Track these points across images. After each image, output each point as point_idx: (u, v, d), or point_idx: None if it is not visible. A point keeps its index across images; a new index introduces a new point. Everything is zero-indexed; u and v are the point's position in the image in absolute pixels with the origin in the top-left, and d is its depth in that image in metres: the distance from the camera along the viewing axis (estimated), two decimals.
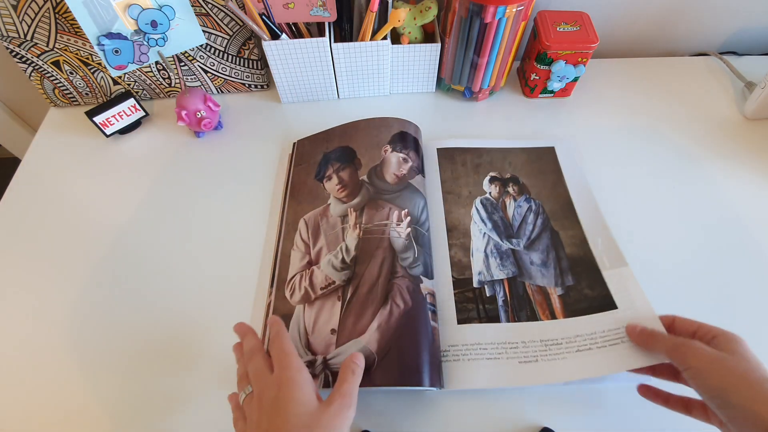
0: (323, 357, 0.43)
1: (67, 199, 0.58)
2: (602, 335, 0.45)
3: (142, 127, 0.65)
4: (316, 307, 0.46)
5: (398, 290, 0.46)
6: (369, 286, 0.46)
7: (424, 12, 0.59)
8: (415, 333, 0.43)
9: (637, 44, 0.76)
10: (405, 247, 0.49)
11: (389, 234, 0.50)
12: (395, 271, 0.47)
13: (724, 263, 0.52)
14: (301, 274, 0.49)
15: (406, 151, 0.57)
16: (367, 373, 0.41)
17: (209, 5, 0.57)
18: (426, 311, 0.45)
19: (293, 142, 0.62)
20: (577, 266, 0.51)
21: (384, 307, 0.45)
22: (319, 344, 0.44)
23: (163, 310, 0.49)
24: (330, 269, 0.48)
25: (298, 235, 0.52)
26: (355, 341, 0.43)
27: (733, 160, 0.61)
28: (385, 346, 0.42)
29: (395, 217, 0.51)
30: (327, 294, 0.47)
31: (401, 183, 0.54)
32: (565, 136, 0.63)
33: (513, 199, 0.56)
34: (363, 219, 0.51)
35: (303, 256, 0.50)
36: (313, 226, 0.52)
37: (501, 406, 0.43)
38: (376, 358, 0.42)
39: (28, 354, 0.47)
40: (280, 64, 0.61)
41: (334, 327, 0.45)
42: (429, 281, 0.47)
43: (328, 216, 0.53)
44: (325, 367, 0.42)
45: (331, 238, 0.51)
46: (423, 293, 0.46)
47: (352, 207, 0.52)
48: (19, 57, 0.60)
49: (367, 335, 0.43)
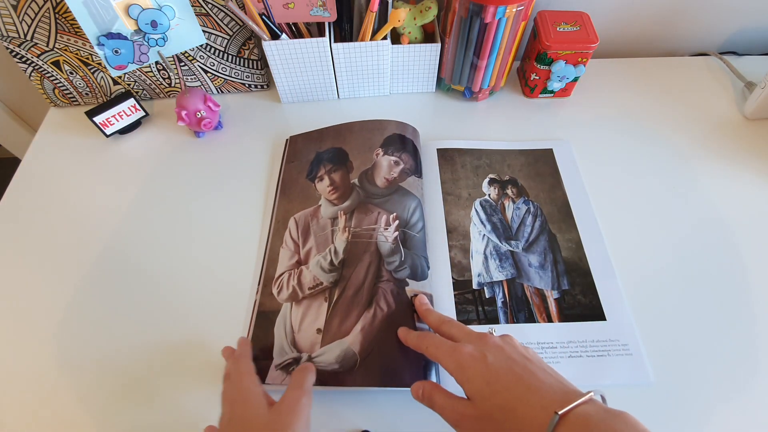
0: (308, 354, 0.44)
1: (67, 199, 0.58)
2: (592, 344, 0.46)
3: (142, 127, 0.65)
4: (303, 306, 0.47)
5: (383, 294, 0.47)
6: (355, 289, 0.47)
7: (424, 12, 0.59)
8: (397, 336, 0.44)
9: (637, 44, 0.75)
10: (391, 251, 0.49)
11: (377, 238, 0.50)
12: (381, 275, 0.48)
13: (724, 263, 0.52)
14: (289, 273, 0.50)
15: (398, 153, 0.57)
16: (350, 373, 0.43)
17: (209, 5, 0.57)
18: (411, 314, 0.46)
19: (286, 139, 0.62)
20: (572, 271, 0.51)
21: (368, 310, 0.46)
22: (304, 342, 0.45)
23: (162, 310, 0.50)
24: (318, 270, 0.49)
25: (287, 234, 0.53)
26: (339, 342, 0.44)
27: (733, 161, 0.61)
28: (368, 348, 0.44)
29: (383, 222, 0.51)
30: (314, 294, 0.48)
31: (391, 186, 0.54)
32: (565, 136, 0.63)
33: (512, 201, 0.56)
34: (352, 222, 0.52)
35: (292, 255, 0.51)
36: (303, 226, 0.53)
37: None
38: (359, 359, 0.43)
39: (25, 354, 0.47)
40: (280, 64, 0.61)
41: (320, 327, 0.46)
42: (418, 282, 0.48)
43: (319, 217, 0.53)
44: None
45: (321, 239, 0.51)
46: (408, 296, 0.47)
47: (342, 210, 0.53)
48: (19, 57, 0.60)
49: (351, 336, 0.44)
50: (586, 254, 0.52)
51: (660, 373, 0.45)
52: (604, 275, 0.51)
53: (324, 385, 0.42)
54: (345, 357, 0.43)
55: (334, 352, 0.44)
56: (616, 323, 0.47)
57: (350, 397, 0.44)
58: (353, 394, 0.44)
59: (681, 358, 0.46)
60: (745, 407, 0.43)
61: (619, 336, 0.46)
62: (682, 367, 0.45)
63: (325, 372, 0.43)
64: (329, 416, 0.43)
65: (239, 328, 0.48)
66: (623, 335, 0.46)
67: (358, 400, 0.44)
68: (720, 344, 0.47)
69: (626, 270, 0.51)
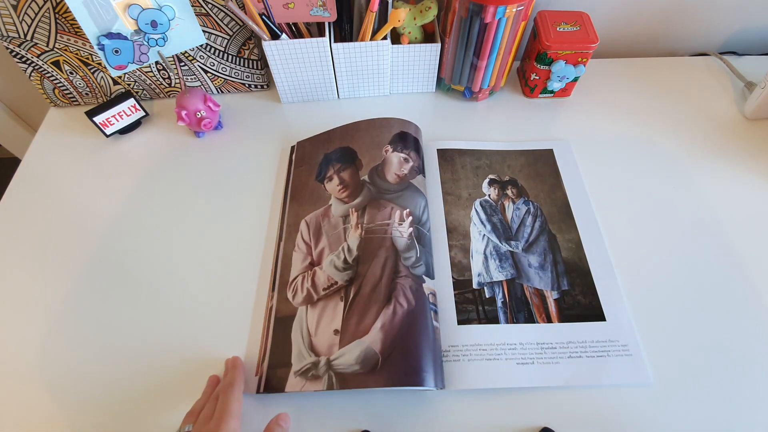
0: (327, 358, 0.43)
1: (67, 199, 0.58)
2: (591, 345, 0.46)
3: (142, 127, 0.65)
4: (318, 308, 0.47)
5: (401, 290, 0.46)
6: (372, 286, 0.46)
7: (424, 12, 0.59)
8: (419, 333, 0.43)
9: (637, 44, 0.75)
10: (407, 246, 0.49)
11: (391, 234, 0.50)
12: (398, 270, 0.47)
13: (724, 263, 0.52)
14: (303, 276, 0.49)
15: (407, 151, 0.57)
16: (372, 373, 0.41)
17: (209, 5, 0.57)
18: (429, 311, 0.45)
19: (292, 145, 0.62)
20: (572, 271, 0.51)
21: (387, 306, 0.45)
22: (322, 345, 0.44)
23: (162, 310, 0.50)
24: (332, 269, 0.48)
25: (299, 237, 0.52)
26: (358, 341, 0.43)
27: (733, 161, 0.61)
28: (389, 347, 0.43)
29: (397, 217, 0.51)
30: (330, 294, 0.47)
31: (402, 183, 0.54)
32: (565, 136, 0.63)
33: (512, 201, 0.56)
34: (365, 219, 0.51)
35: (305, 257, 0.51)
36: (315, 226, 0.52)
37: (501, 406, 0.44)
38: (380, 358, 0.42)
39: (25, 355, 0.47)
40: (280, 64, 0.61)
41: (338, 327, 0.45)
42: (431, 281, 0.48)
43: (330, 216, 0.53)
44: (328, 368, 0.43)
45: (333, 238, 0.51)
46: (426, 293, 0.46)
47: (353, 207, 0.52)
48: (19, 57, 0.60)
49: (370, 335, 0.43)
50: (586, 254, 0.52)
51: (660, 373, 0.45)
52: (604, 275, 0.51)
53: (346, 388, 0.42)
54: (366, 357, 0.42)
55: (354, 352, 0.43)
56: (616, 324, 0.47)
57: (350, 397, 0.44)
58: (353, 393, 0.44)
59: (681, 358, 0.46)
60: (744, 407, 0.43)
61: (618, 336, 0.46)
62: (682, 367, 0.45)
63: (345, 374, 0.42)
64: (329, 416, 0.43)
65: (241, 333, 0.48)
66: (623, 336, 0.46)
67: (358, 400, 0.44)
68: (720, 344, 0.47)
69: (626, 270, 0.51)
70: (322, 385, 0.42)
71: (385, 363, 0.42)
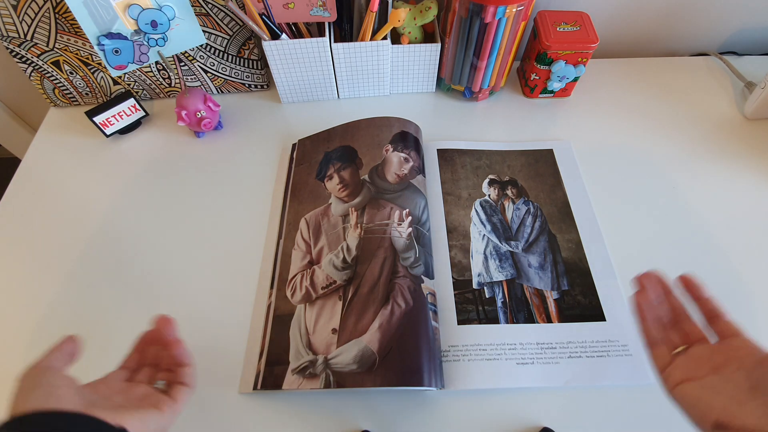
0: (324, 356, 0.43)
1: (67, 199, 0.58)
2: (591, 345, 0.46)
3: (142, 127, 0.65)
4: (317, 306, 0.47)
5: (400, 290, 0.46)
6: (370, 286, 0.47)
7: (424, 12, 0.59)
8: (417, 333, 0.43)
9: (637, 44, 0.75)
10: (406, 246, 0.49)
11: (390, 234, 0.50)
12: (396, 270, 0.47)
13: (724, 263, 0.52)
14: (302, 274, 0.49)
15: (407, 150, 0.57)
16: (369, 373, 0.42)
17: (209, 5, 0.57)
18: (427, 311, 0.45)
19: (293, 143, 0.62)
20: (572, 271, 0.51)
21: (385, 306, 0.45)
22: (320, 344, 0.44)
23: (162, 308, 0.49)
24: (331, 269, 0.49)
25: (299, 235, 0.52)
26: (356, 341, 0.44)
27: (733, 160, 0.61)
28: (387, 346, 0.43)
29: (396, 217, 0.51)
30: (328, 293, 0.47)
31: (402, 183, 0.54)
32: (565, 136, 0.63)
33: (512, 201, 0.56)
34: (364, 218, 0.51)
35: (304, 256, 0.51)
36: (314, 225, 0.53)
37: (501, 406, 0.44)
38: (377, 358, 0.42)
39: (24, 354, 0.47)
40: (280, 64, 0.61)
41: (335, 327, 0.45)
42: (430, 281, 0.48)
43: (329, 215, 0.53)
44: (326, 367, 0.43)
45: (333, 237, 0.51)
46: (424, 293, 0.46)
47: (353, 206, 0.52)
48: (19, 57, 0.60)
49: (368, 335, 0.44)
50: (586, 255, 0.52)
51: None
52: (603, 276, 0.51)
53: (343, 387, 0.42)
54: (363, 356, 0.42)
55: (351, 352, 0.43)
56: (616, 324, 0.47)
57: (350, 397, 0.44)
58: (353, 393, 0.44)
59: None
60: None
61: (618, 336, 0.46)
62: None
63: (342, 373, 0.42)
64: (329, 416, 0.43)
65: (241, 329, 0.48)
66: (623, 336, 0.46)
67: (359, 400, 0.44)
68: None
69: (626, 270, 0.51)
70: (319, 383, 0.42)
71: (382, 363, 0.42)
